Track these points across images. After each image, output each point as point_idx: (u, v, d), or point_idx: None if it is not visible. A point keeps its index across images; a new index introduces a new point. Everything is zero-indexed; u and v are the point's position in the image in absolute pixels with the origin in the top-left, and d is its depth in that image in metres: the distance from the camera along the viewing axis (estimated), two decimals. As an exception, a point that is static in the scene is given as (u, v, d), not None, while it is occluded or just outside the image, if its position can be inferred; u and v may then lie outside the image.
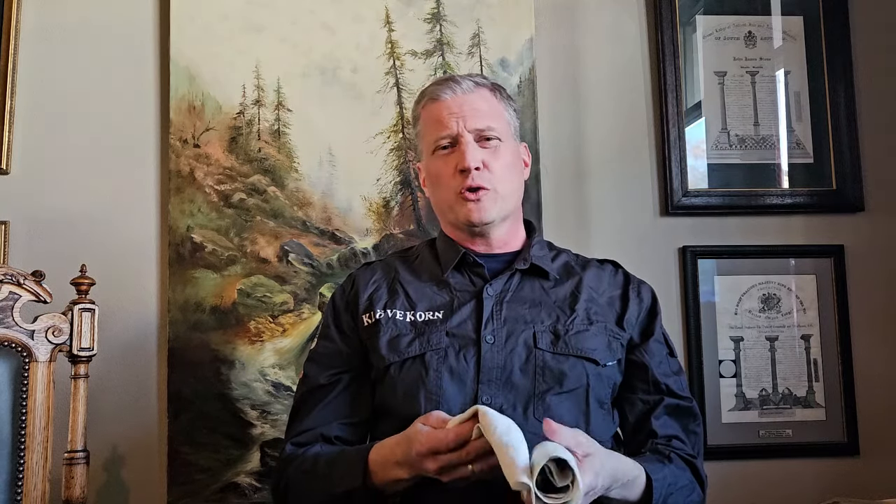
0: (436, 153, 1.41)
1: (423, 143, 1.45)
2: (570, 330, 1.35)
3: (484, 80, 1.46)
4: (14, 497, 1.49)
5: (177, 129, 1.88)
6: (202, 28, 1.91)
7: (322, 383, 1.40)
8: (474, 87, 1.42)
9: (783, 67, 2.10)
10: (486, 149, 1.38)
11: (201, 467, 1.79)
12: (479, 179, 1.36)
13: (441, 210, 1.45)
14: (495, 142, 1.39)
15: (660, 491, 1.22)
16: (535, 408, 1.29)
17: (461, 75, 1.45)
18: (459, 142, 1.37)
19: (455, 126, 1.38)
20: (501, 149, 1.40)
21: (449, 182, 1.39)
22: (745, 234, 2.04)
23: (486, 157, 1.38)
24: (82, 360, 1.57)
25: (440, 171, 1.40)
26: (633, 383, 1.39)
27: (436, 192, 1.44)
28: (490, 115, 1.41)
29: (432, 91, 1.43)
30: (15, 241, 1.82)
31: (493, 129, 1.39)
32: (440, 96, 1.41)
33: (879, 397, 2.01)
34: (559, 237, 1.62)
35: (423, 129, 1.45)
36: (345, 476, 1.26)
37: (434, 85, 1.45)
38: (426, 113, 1.44)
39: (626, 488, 1.18)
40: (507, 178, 1.40)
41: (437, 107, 1.41)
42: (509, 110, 1.46)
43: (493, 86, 1.46)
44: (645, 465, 1.23)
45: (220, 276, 1.86)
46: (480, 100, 1.41)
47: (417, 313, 1.38)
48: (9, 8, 1.86)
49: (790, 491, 1.96)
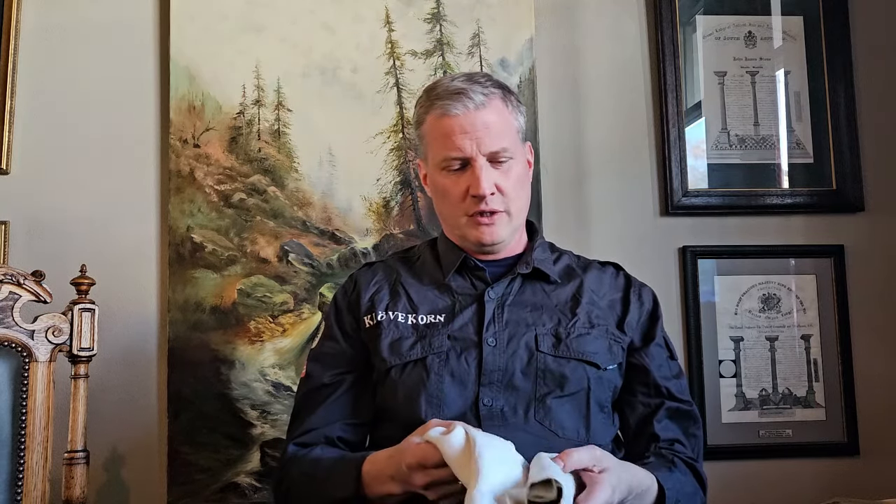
0: (444, 170, 1.36)
1: (430, 152, 1.40)
2: (571, 333, 1.35)
3: (493, 87, 1.37)
4: (14, 497, 1.49)
5: (177, 129, 1.88)
6: (202, 28, 1.91)
7: (325, 382, 1.40)
8: (486, 100, 1.34)
9: (783, 67, 2.10)
10: (497, 169, 1.35)
11: (201, 467, 1.79)
12: (493, 204, 1.34)
13: (448, 224, 1.43)
14: (508, 162, 1.36)
15: (672, 499, 1.23)
16: (536, 410, 1.29)
17: (470, 82, 1.36)
18: (473, 165, 1.33)
19: (469, 149, 1.33)
20: (513, 166, 1.37)
21: (458, 203, 1.36)
22: (745, 234, 2.04)
23: (499, 179, 1.34)
24: (82, 360, 1.57)
25: (449, 190, 1.36)
26: (634, 387, 1.39)
27: (442, 206, 1.41)
28: (503, 131, 1.35)
29: (443, 105, 1.34)
30: (15, 241, 1.82)
31: (507, 148, 1.35)
32: (451, 111, 1.33)
33: (879, 397, 2.01)
34: (559, 237, 1.62)
35: (429, 137, 1.39)
36: (339, 484, 1.26)
37: (445, 98, 1.35)
38: (435, 125, 1.36)
39: (640, 498, 1.19)
40: (518, 196, 1.38)
41: (448, 122, 1.34)
42: (519, 116, 1.40)
43: (504, 93, 1.38)
44: (654, 473, 1.24)
45: (220, 276, 1.86)
46: (492, 114, 1.34)
47: (419, 316, 1.37)
48: (9, 8, 1.86)
49: (790, 491, 1.96)
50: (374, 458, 1.24)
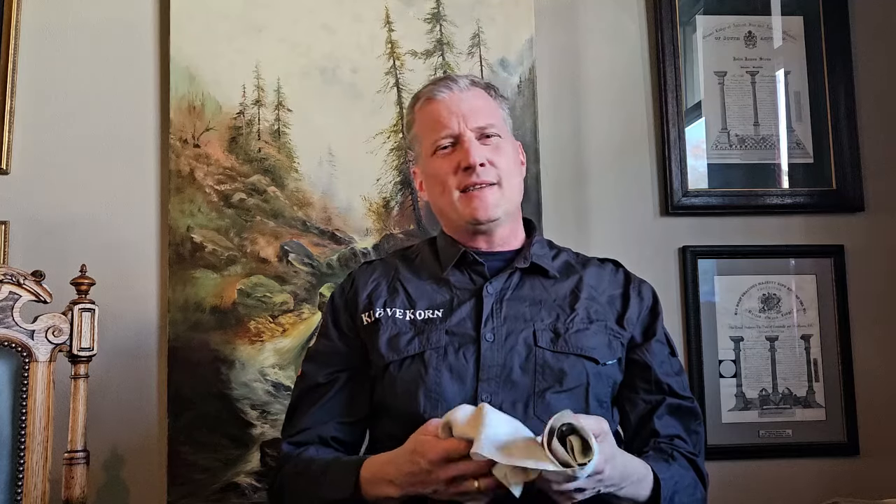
0: (436, 154, 1.40)
1: (422, 145, 1.44)
2: (570, 328, 1.35)
3: (477, 81, 1.47)
4: (14, 497, 1.49)
5: (177, 129, 1.88)
6: (202, 28, 1.91)
7: (320, 382, 1.40)
8: (470, 84, 1.43)
9: (783, 67, 2.10)
10: (487, 146, 1.38)
11: (201, 467, 1.79)
12: (485, 175, 1.36)
13: (442, 211, 1.44)
14: (496, 138, 1.40)
15: (667, 490, 1.23)
16: (535, 406, 1.29)
17: (455, 76, 1.46)
18: (461, 140, 1.37)
19: (456, 125, 1.38)
20: (503, 145, 1.41)
21: (451, 181, 1.38)
22: (745, 234, 2.04)
23: (489, 154, 1.37)
24: (82, 360, 1.57)
25: (441, 170, 1.39)
26: (635, 383, 1.39)
27: (436, 194, 1.43)
28: (488, 112, 1.41)
29: (428, 91, 1.43)
30: (15, 241, 1.82)
31: (494, 125, 1.40)
32: (436, 95, 1.41)
33: (879, 397, 2.01)
34: (559, 237, 1.62)
35: (420, 131, 1.44)
36: (335, 485, 1.26)
37: (429, 85, 1.45)
38: (423, 114, 1.43)
39: (636, 487, 1.19)
40: (511, 173, 1.40)
41: (435, 106, 1.41)
42: (504, 110, 1.47)
43: (487, 85, 1.47)
44: (651, 464, 1.24)
45: (220, 276, 1.86)
46: (477, 97, 1.42)
47: (417, 311, 1.38)
48: (9, 7, 1.86)
49: (790, 491, 1.96)
50: (372, 462, 1.24)
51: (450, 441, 1.11)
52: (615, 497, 1.16)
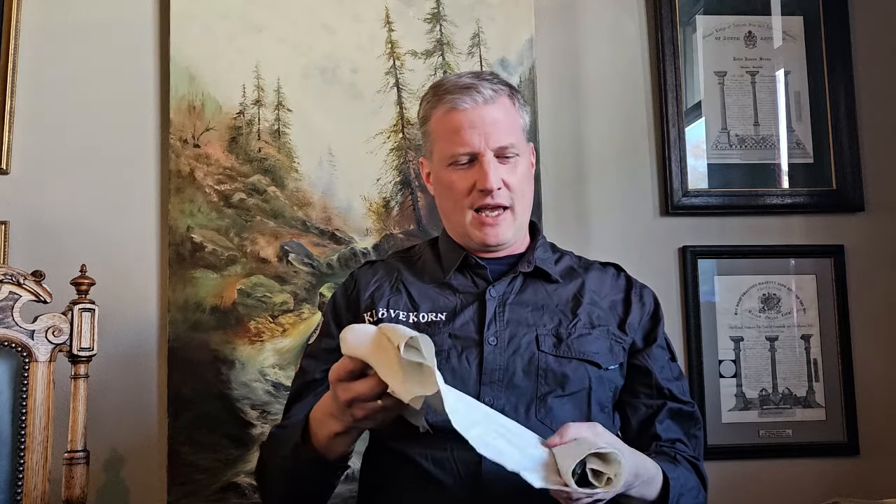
0: (451, 166, 1.37)
1: (435, 147, 1.40)
2: (572, 333, 1.35)
3: (501, 85, 1.39)
4: (14, 497, 1.49)
5: (177, 129, 1.88)
6: (202, 28, 1.91)
7: (317, 378, 1.40)
8: (494, 95, 1.36)
9: (783, 67, 2.10)
10: (504, 165, 1.36)
11: (201, 467, 1.79)
12: (499, 198, 1.35)
13: (451, 222, 1.43)
14: (514, 159, 1.37)
15: (675, 490, 1.23)
16: (537, 409, 1.29)
17: (479, 78, 1.38)
18: (481, 161, 1.34)
19: (477, 143, 1.34)
20: (519, 163, 1.38)
21: (464, 198, 1.36)
22: (745, 234, 2.04)
23: (505, 175, 1.35)
24: (82, 360, 1.57)
25: (455, 185, 1.37)
26: (636, 388, 1.39)
27: (446, 204, 1.41)
28: (510, 127, 1.36)
29: (452, 100, 1.35)
30: (15, 241, 1.82)
31: (514, 145, 1.36)
32: (460, 105, 1.34)
33: (879, 397, 2.01)
34: (559, 237, 1.62)
35: (436, 134, 1.40)
36: (291, 435, 1.26)
37: (454, 92, 1.36)
38: (443, 120, 1.37)
39: (646, 486, 1.19)
40: (524, 194, 1.39)
41: (457, 117, 1.35)
42: (524, 115, 1.42)
43: (511, 91, 1.41)
44: (659, 464, 1.24)
45: (220, 276, 1.86)
46: (500, 110, 1.36)
47: (420, 314, 1.37)
48: (9, 7, 1.86)
49: (790, 491, 1.96)
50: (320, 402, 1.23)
51: (341, 360, 1.10)
52: (624, 496, 1.15)
